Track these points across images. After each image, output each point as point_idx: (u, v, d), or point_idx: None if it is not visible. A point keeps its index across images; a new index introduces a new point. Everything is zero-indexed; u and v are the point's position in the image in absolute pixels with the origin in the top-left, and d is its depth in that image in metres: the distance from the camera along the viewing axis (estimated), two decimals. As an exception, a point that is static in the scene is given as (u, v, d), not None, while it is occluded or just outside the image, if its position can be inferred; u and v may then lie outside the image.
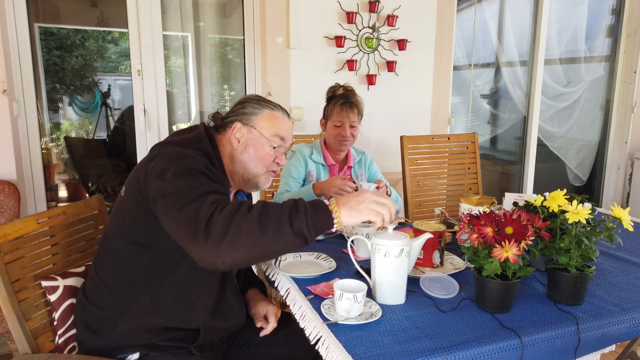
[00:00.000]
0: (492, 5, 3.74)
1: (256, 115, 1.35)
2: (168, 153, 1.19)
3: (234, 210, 1.02)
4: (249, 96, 1.42)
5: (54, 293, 1.33)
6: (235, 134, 1.33)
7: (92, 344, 1.26)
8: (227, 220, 1.00)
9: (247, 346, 1.48)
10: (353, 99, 2.04)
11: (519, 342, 1.09)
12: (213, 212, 1.01)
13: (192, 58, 3.02)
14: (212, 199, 1.05)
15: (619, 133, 4.16)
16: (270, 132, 1.35)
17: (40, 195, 2.62)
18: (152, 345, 1.24)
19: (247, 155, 1.33)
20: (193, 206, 1.03)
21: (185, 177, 1.11)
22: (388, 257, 1.22)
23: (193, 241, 1.00)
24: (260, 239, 1.00)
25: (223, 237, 0.99)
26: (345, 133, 2.02)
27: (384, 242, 1.22)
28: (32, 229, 1.35)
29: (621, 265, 1.57)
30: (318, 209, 1.06)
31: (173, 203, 1.06)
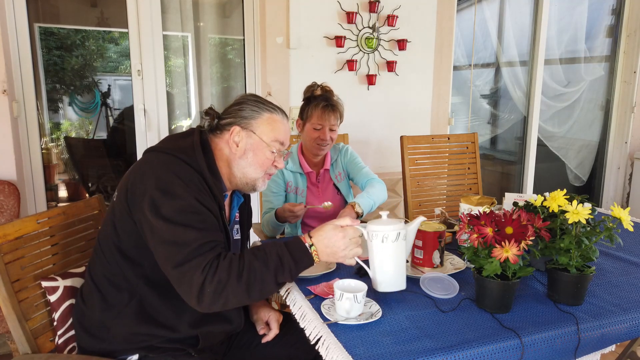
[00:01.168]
0: (492, 5, 3.74)
1: (255, 119, 1.31)
2: (158, 176, 1.16)
3: (223, 280, 1.09)
4: (246, 96, 1.37)
5: (54, 293, 1.33)
6: (234, 138, 1.29)
7: (91, 347, 1.26)
8: (217, 292, 1.09)
9: (247, 347, 1.48)
10: (334, 101, 1.97)
11: (519, 342, 1.09)
12: (204, 281, 1.08)
13: (192, 58, 3.02)
14: (203, 261, 1.10)
15: (619, 133, 4.16)
16: (270, 137, 1.32)
17: (40, 195, 2.62)
18: (151, 347, 1.24)
19: (246, 160, 1.31)
20: (186, 269, 1.10)
21: (177, 223, 1.12)
22: (385, 243, 1.23)
23: (187, 299, 1.12)
24: (247, 299, 1.14)
25: (213, 304, 1.11)
26: (324, 136, 1.95)
27: (380, 228, 1.22)
28: (32, 229, 1.35)
29: (621, 265, 1.57)
30: (301, 261, 1.18)
31: (167, 255, 1.12)
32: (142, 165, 1.21)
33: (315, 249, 1.19)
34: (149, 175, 1.17)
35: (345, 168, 2.13)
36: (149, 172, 1.18)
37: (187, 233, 1.11)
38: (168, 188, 1.14)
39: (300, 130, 2.05)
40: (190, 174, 1.19)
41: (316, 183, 2.08)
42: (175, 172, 1.17)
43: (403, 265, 1.26)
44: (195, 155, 1.23)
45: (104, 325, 1.24)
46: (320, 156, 2.07)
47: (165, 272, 1.14)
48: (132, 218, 1.18)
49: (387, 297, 1.30)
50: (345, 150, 2.15)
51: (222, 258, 1.12)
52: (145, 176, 1.17)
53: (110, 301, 1.24)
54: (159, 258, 1.14)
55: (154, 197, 1.13)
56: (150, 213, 1.13)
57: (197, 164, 1.22)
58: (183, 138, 1.28)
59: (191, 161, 1.21)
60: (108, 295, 1.24)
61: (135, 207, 1.17)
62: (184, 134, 1.31)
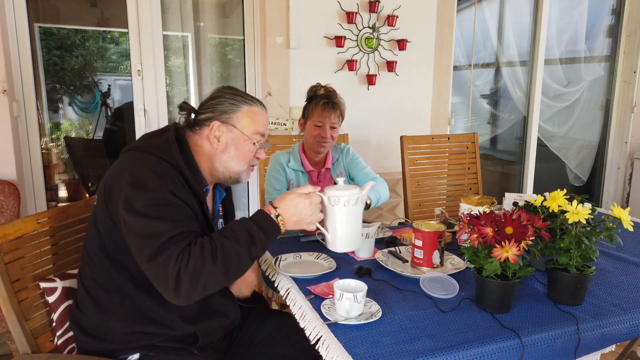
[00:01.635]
0: (492, 5, 3.73)
1: (235, 113, 1.30)
2: (132, 173, 1.16)
3: (198, 266, 1.09)
4: (223, 89, 1.34)
5: (52, 294, 1.33)
6: (214, 133, 1.28)
7: (91, 346, 1.26)
8: (194, 278, 1.08)
9: (247, 346, 1.48)
10: (335, 100, 2.00)
11: (519, 342, 1.09)
12: (179, 270, 1.08)
13: (192, 58, 3.02)
14: (176, 250, 1.09)
15: (619, 133, 4.16)
16: (251, 130, 1.31)
17: (40, 195, 2.62)
18: (152, 346, 1.24)
19: (228, 154, 1.30)
20: (159, 261, 1.09)
21: (150, 216, 1.11)
22: (347, 206, 1.29)
23: (165, 293, 1.11)
24: (226, 280, 1.15)
25: (192, 292, 1.10)
26: (325, 134, 1.97)
27: (342, 193, 1.28)
28: (32, 229, 1.35)
29: (621, 265, 1.57)
30: (270, 232, 1.20)
31: (140, 249, 1.12)
32: (118, 165, 1.22)
33: (281, 218, 1.21)
34: (124, 173, 1.17)
35: (346, 167, 2.14)
36: (125, 171, 1.18)
37: (159, 225, 1.11)
38: (141, 182, 1.14)
39: (302, 129, 2.07)
40: (166, 169, 1.19)
41: (317, 182, 2.09)
42: (149, 168, 1.17)
43: (359, 226, 1.35)
44: (172, 152, 1.22)
45: (101, 327, 1.24)
46: (321, 154, 2.07)
47: (142, 268, 1.14)
48: (111, 219, 1.19)
49: (387, 297, 1.30)
50: (347, 150, 2.16)
51: (193, 245, 1.11)
52: (120, 175, 1.18)
53: (102, 305, 1.24)
54: (134, 253, 1.14)
55: (127, 194, 1.14)
56: (124, 209, 1.13)
57: (174, 160, 1.21)
58: (158, 135, 1.27)
59: (167, 157, 1.21)
60: (100, 299, 1.24)
61: (112, 206, 1.18)
62: (159, 131, 1.30)
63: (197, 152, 1.30)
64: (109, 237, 1.21)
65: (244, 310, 1.53)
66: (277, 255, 1.56)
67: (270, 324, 1.51)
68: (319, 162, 2.11)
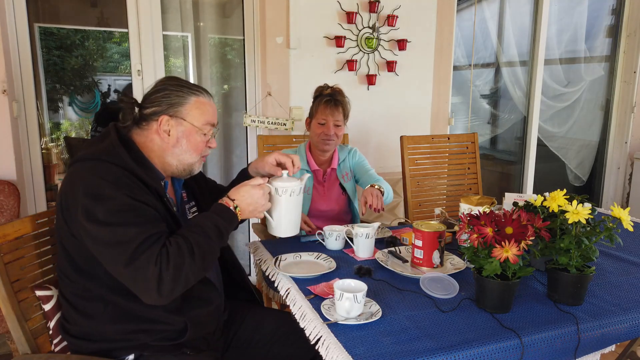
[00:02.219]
0: (492, 5, 3.73)
1: (183, 106, 1.28)
2: (85, 183, 1.14)
3: (178, 264, 1.12)
4: (166, 81, 1.31)
5: (48, 303, 1.33)
6: (163, 128, 1.26)
7: (85, 349, 1.26)
8: (175, 276, 1.12)
9: (245, 346, 1.48)
10: (339, 98, 2.02)
11: (519, 342, 1.09)
12: (160, 271, 1.10)
13: (192, 58, 3.02)
14: (153, 253, 1.11)
15: (619, 133, 4.16)
16: (201, 121, 1.30)
17: (40, 195, 2.62)
18: (146, 345, 1.24)
19: (180, 147, 1.29)
20: (137, 265, 1.10)
21: (115, 224, 1.11)
22: (292, 196, 1.40)
23: (144, 295, 1.13)
24: (203, 272, 1.21)
25: (174, 289, 1.13)
26: (329, 131, 1.99)
27: (289, 185, 1.39)
28: (31, 229, 1.35)
29: (621, 265, 1.57)
30: (232, 222, 1.27)
31: (113, 257, 1.12)
32: (69, 179, 1.19)
33: (239, 209, 1.28)
34: (77, 185, 1.15)
35: (352, 168, 2.16)
36: (76, 182, 1.16)
37: (128, 231, 1.11)
38: (96, 192, 1.13)
39: (308, 129, 2.09)
40: (117, 173, 1.17)
41: (322, 182, 2.11)
42: (100, 175, 1.15)
43: (300, 213, 1.47)
44: (119, 154, 1.20)
45: (92, 332, 1.24)
46: (327, 153, 2.09)
47: (116, 275, 1.14)
48: (72, 234, 1.18)
49: (387, 297, 1.30)
50: (353, 151, 2.19)
51: (169, 245, 1.14)
52: (73, 187, 1.16)
53: (88, 313, 1.24)
54: (106, 263, 1.14)
55: (85, 205, 1.12)
56: (86, 221, 1.12)
57: (122, 161, 1.19)
58: (101, 140, 1.25)
59: (116, 160, 1.19)
60: (84, 309, 1.24)
61: (72, 221, 1.16)
62: (101, 136, 1.27)
63: (147, 147, 1.28)
64: (76, 252, 1.21)
65: (241, 309, 1.53)
66: (277, 255, 1.56)
67: (268, 323, 1.51)
68: (325, 161, 2.12)
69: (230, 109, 3.18)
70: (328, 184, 2.12)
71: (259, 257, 1.64)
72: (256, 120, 2.82)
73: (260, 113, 2.89)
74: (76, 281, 1.23)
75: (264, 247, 1.69)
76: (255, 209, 1.32)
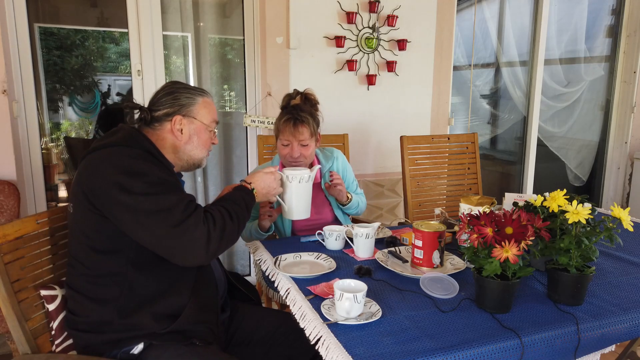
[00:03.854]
0: (492, 5, 3.73)
1: (193, 106, 1.40)
2: (115, 163, 1.21)
3: (222, 226, 1.26)
4: (174, 85, 1.43)
5: (52, 302, 1.33)
6: (177, 127, 1.37)
7: (93, 341, 1.26)
8: (221, 235, 1.25)
9: (245, 344, 1.48)
10: (301, 115, 1.78)
11: (519, 342, 1.09)
12: (208, 231, 1.22)
13: (192, 58, 3.02)
14: (199, 215, 1.23)
15: (619, 133, 4.16)
16: (209, 119, 1.44)
17: (40, 195, 2.62)
18: (154, 334, 1.25)
19: (191, 144, 1.41)
20: (186, 225, 1.19)
21: (155, 193, 1.20)
22: (302, 183, 1.61)
23: (190, 253, 1.21)
24: (238, 236, 1.34)
25: (218, 247, 1.25)
26: (293, 153, 1.80)
27: (297, 172, 1.61)
28: (31, 229, 1.35)
29: (621, 265, 1.57)
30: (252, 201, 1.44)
31: (158, 223, 1.17)
32: (90, 166, 1.24)
33: (256, 191, 1.46)
34: (104, 169, 1.21)
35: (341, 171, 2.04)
36: (102, 166, 1.22)
37: (170, 198, 1.21)
38: (130, 169, 1.21)
39: (276, 146, 1.89)
40: (142, 154, 1.27)
41: None
42: (128, 155, 1.24)
43: (310, 199, 1.67)
44: (137, 140, 1.31)
45: (102, 321, 1.25)
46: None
47: (156, 242, 1.19)
48: (99, 214, 1.21)
49: (387, 297, 1.30)
50: (336, 156, 2.04)
51: (212, 211, 1.28)
52: (99, 171, 1.21)
53: (101, 299, 1.25)
54: (149, 232, 1.18)
55: (121, 182, 1.18)
56: (124, 196, 1.17)
57: (143, 146, 1.30)
58: (114, 134, 1.33)
59: (135, 145, 1.29)
60: (98, 296, 1.26)
61: (102, 202, 1.20)
62: (112, 132, 1.35)
63: (160, 145, 1.37)
64: (98, 234, 1.24)
65: (240, 309, 1.54)
66: (277, 255, 1.56)
67: (268, 323, 1.51)
68: None
69: (230, 109, 3.18)
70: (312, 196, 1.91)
71: (259, 257, 1.64)
72: (256, 121, 2.82)
73: (260, 113, 2.89)
74: (94, 266, 1.25)
75: (264, 247, 1.69)
76: (269, 192, 1.50)
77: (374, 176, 3.16)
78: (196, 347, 1.28)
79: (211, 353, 1.29)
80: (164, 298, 1.28)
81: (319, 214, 1.99)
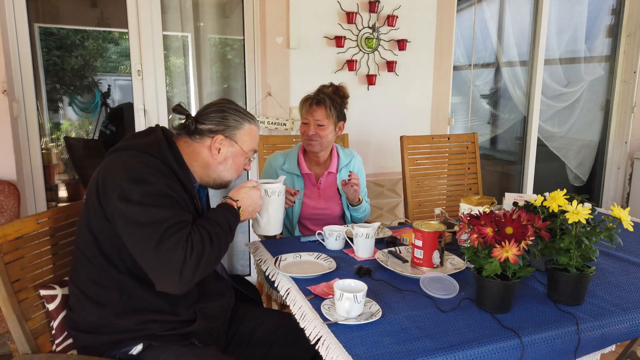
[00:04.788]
0: (492, 5, 3.73)
1: (239, 130, 1.39)
2: (127, 167, 1.20)
3: (200, 252, 1.19)
4: (226, 104, 1.41)
5: (52, 302, 1.33)
6: (216, 145, 1.37)
7: (92, 342, 1.26)
8: (197, 263, 1.17)
9: (245, 344, 1.48)
10: (320, 96, 1.93)
11: (519, 342, 1.09)
12: (184, 257, 1.16)
13: (192, 58, 3.02)
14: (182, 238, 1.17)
15: (619, 133, 4.16)
16: (249, 147, 1.42)
17: (40, 195, 2.62)
18: (154, 335, 1.25)
19: (225, 166, 1.39)
20: (166, 247, 1.15)
21: (150, 204, 1.17)
22: (280, 196, 1.54)
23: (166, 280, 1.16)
24: (218, 261, 1.28)
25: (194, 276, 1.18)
26: (309, 131, 1.93)
27: (276, 186, 1.52)
28: (32, 229, 1.35)
29: (621, 265, 1.57)
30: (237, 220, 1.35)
31: (143, 237, 1.15)
32: (109, 165, 1.24)
33: (241, 209, 1.38)
34: (117, 171, 1.21)
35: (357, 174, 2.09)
36: (116, 168, 1.21)
37: (161, 212, 1.17)
38: (137, 176, 1.19)
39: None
40: (158, 165, 1.24)
41: (317, 184, 2.05)
42: (143, 162, 1.22)
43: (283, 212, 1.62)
44: (162, 150, 1.27)
45: (101, 323, 1.25)
46: (318, 154, 2.02)
47: (142, 257, 1.17)
48: (106, 217, 1.21)
49: (387, 297, 1.30)
50: (357, 159, 2.15)
51: (193, 233, 1.21)
52: (113, 172, 1.21)
53: (101, 302, 1.25)
54: (135, 242, 1.17)
55: (123, 187, 1.18)
56: (121, 202, 1.17)
57: (164, 157, 1.27)
58: (146, 135, 1.32)
59: (157, 154, 1.26)
60: (98, 297, 1.26)
61: (107, 204, 1.20)
62: (145, 132, 1.35)
63: (189, 156, 1.36)
64: (104, 236, 1.23)
65: (240, 309, 1.54)
66: (277, 255, 1.56)
67: (268, 323, 1.51)
68: (322, 164, 2.07)
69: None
70: (324, 186, 2.05)
71: (259, 257, 1.64)
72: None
73: (260, 113, 2.89)
74: (99, 265, 1.25)
75: (264, 247, 1.69)
76: (254, 210, 1.43)
77: (374, 176, 3.16)
78: (195, 348, 1.28)
79: (210, 354, 1.29)
80: (165, 314, 1.27)
81: (328, 205, 2.05)
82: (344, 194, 2.03)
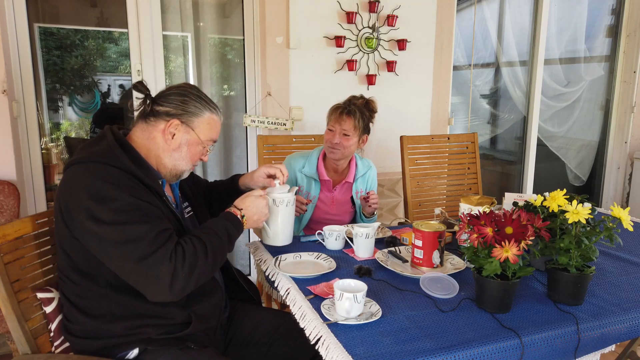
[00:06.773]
0: (492, 5, 3.73)
1: (197, 117, 1.31)
2: (87, 185, 1.15)
3: (193, 264, 1.16)
4: (188, 89, 1.34)
5: (49, 305, 1.33)
6: (170, 130, 1.29)
7: (88, 347, 1.26)
8: (189, 276, 1.15)
9: (245, 345, 1.48)
10: (351, 107, 1.96)
11: (519, 342, 1.09)
12: (174, 269, 1.13)
13: (192, 58, 3.02)
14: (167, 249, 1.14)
15: (619, 133, 4.16)
16: (207, 136, 1.35)
17: (40, 195, 2.62)
18: (150, 339, 1.25)
19: (179, 153, 1.32)
20: (151, 261, 1.12)
21: (122, 222, 1.13)
22: (288, 206, 1.52)
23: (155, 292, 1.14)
24: (212, 273, 1.26)
25: (186, 287, 1.16)
26: (333, 139, 1.94)
27: (285, 196, 1.50)
28: (31, 229, 1.35)
29: (621, 265, 1.57)
30: (239, 230, 1.34)
31: (123, 255, 1.12)
32: (67, 182, 1.20)
33: (245, 218, 1.35)
34: (77, 189, 1.16)
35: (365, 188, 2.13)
36: (76, 186, 1.16)
37: (137, 228, 1.13)
38: (100, 194, 1.14)
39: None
40: (117, 174, 1.18)
41: (332, 191, 2.06)
42: (101, 177, 1.16)
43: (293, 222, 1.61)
44: (116, 155, 1.21)
45: (96, 330, 1.25)
46: (338, 162, 2.03)
47: (124, 273, 1.15)
48: (74, 237, 1.18)
49: (387, 297, 1.30)
50: (373, 170, 2.17)
51: (185, 244, 1.18)
52: (73, 191, 1.16)
53: (92, 313, 1.24)
54: (113, 261, 1.14)
55: (89, 207, 1.13)
56: (91, 224, 1.12)
57: (120, 163, 1.20)
58: (96, 143, 1.25)
59: (114, 162, 1.20)
60: (88, 309, 1.25)
61: (73, 225, 1.17)
62: (96, 138, 1.28)
63: (144, 147, 1.30)
64: (78, 255, 1.21)
65: (240, 309, 1.54)
66: (277, 255, 1.56)
67: (268, 323, 1.51)
68: (341, 172, 2.08)
69: (230, 108, 3.18)
70: (339, 194, 2.06)
71: (259, 257, 1.64)
72: (256, 121, 2.82)
73: (260, 113, 2.89)
74: (78, 282, 1.24)
75: (264, 247, 1.69)
76: (259, 219, 1.41)
77: (374, 176, 3.16)
78: (192, 351, 1.27)
79: (207, 356, 1.28)
80: (158, 318, 1.26)
81: (339, 212, 2.08)
82: (360, 205, 2.09)
